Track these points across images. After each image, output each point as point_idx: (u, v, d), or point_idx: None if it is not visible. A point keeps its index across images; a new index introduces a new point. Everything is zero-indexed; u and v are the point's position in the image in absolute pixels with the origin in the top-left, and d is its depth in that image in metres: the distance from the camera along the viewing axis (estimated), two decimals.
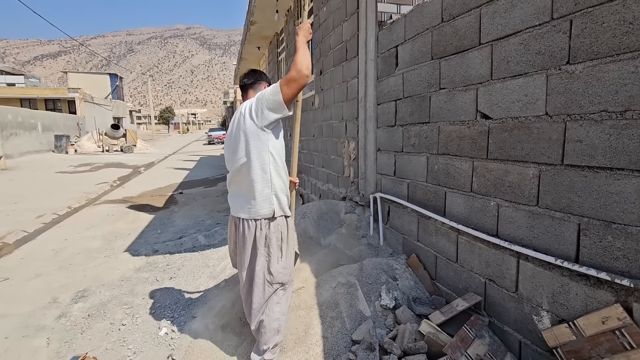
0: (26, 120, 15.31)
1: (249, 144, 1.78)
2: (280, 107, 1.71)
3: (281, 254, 1.84)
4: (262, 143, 1.78)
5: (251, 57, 11.75)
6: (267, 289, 1.85)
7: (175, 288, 3.18)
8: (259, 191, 1.80)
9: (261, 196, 1.80)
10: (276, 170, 1.83)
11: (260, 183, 1.80)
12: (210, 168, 12.92)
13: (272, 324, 1.85)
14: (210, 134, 32.23)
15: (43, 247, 4.56)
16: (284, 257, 1.84)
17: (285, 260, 1.86)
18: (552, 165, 1.51)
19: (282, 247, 1.84)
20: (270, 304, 1.86)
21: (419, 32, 2.42)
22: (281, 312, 1.88)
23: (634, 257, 1.24)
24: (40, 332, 2.60)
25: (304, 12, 2.09)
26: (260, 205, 1.80)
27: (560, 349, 1.45)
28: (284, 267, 1.85)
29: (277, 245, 1.83)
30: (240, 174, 1.86)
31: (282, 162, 1.88)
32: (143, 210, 6.55)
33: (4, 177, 9.59)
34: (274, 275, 1.83)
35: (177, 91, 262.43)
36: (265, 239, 1.82)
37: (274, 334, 1.85)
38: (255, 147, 1.78)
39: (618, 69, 1.27)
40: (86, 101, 24.10)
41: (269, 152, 1.80)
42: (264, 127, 1.76)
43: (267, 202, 1.80)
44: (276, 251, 1.83)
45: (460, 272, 2.09)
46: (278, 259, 1.83)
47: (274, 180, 1.82)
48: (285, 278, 1.86)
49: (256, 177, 1.79)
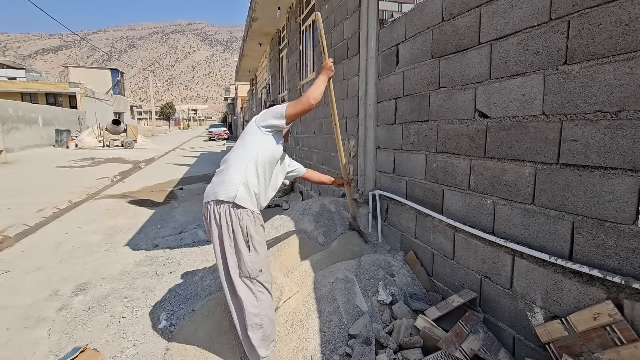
0: (27, 114, 15.32)
1: (244, 139, 2.01)
2: (280, 118, 1.99)
3: (248, 249, 1.84)
4: (254, 139, 1.98)
5: (253, 53, 11.75)
6: (237, 281, 1.85)
7: (174, 282, 3.21)
8: (229, 175, 1.88)
9: (230, 181, 1.86)
10: (255, 166, 1.91)
11: (234, 169, 1.90)
12: (211, 164, 12.93)
13: (253, 319, 1.84)
14: (210, 130, 32.25)
15: (44, 241, 4.60)
16: (251, 252, 1.85)
17: (254, 256, 1.86)
18: (548, 164, 1.53)
19: (247, 242, 1.84)
20: (247, 300, 1.85)
21: (420, 31, 2.43)
22: (259, 306, 1.87)
23: (625, 254, 1.27)
24: (41, 324, 2.63)
25: (324, 51, 2.26)
26: (225, 188, 1.85)
27: (553, 345, 1.48)
28: (252, 262, 1.85)
29: (242, 239, 1.84)
30: (225, 162, 1.99)
31: (265, 166, 1.96)
32: (143, 205, 6.58)
33: (5, 171, 9.61)
34: (242, 268, 1.85)
35: (178, 87, 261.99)
36: (231, 230, 1.83)
37: (256, 329, 1.85)
38: (245, 140, 2.00)
39: (614, 70, 1.29)
40: (87, 96, 24.08)
41: (256, 150, 1.93)
42: (260, 127, 2.00)
43: (233, 186, 1.85)
44: (242, 245, 1.83)
45: (457, 269, 2.12)
46: (246, 253, 1.84)
47: (249, 173, 1.89)
48: (253, 272, 1.86)
49: (233, 164, 1.92)
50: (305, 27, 6.27)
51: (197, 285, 3.06)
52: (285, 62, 8.04)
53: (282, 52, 8.56)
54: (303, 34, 6.44)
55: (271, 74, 10.19)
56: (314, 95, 2.02)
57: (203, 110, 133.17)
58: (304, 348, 1.98)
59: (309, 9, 5.87)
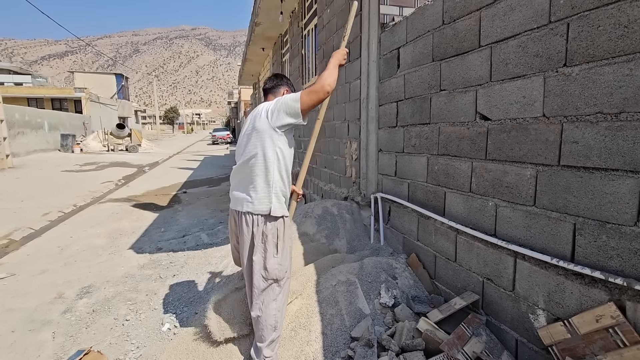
0: (33, 119, 15.50)
1: (259, 141, 1.86)
2: (296, 114, 1.80)
3: (276, 250, 1.87)
4: (271, 142, 1.84)
5: (256, 58, 11.82)
6: (262, 283, 1.88)
7: (178, 285, 3.23)
8: (259, 187, 1.85)
9: (261, 193, 1.85)
10: (279, 170, 1.89)
11: (262, 180, 1.85)
12: (214, 168, 12.99)
13: (269, 320, 1.88)
14: (214, 134, 32.39)
15: (49, 244, 4.63)
16: (279, 254, 1.88)
17: (281, 257, 1.89)
18: (549, 166, 1.53)
19: (277, 245, 1.87)
20: (267, 301, 1.88)
21: (420, 34, 2.45)
22: (277, 308, 1.90)
23: (627, 256, 1.27)
24: (45, 327, 2.65)
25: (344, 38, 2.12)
26: (259, 202, 1.85)
27: (556, 347, 1.47)
28: (279, 264, 1.88)
29: (272, 242, 1.86)
30: (244, 168, 1.92)
31: (287, 166, 1.94)
32: (147, 208, 6.62)
33: (11, 175, 9.71)
34: (268, 271, 1.87)
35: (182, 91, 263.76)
36: (262, 235, 1.86)
37: (271, 330, 1.89)
38: (264, 145, 1.85)
39: (613, 72, 1.29)
40: (92, 101, 24.31)
41: (276, 153, 1.85)
42: (276, 128, 1.83)
43: (266, 199, 1.85)
44: (272, 248, 1.86)
45: (459, 271, 2.12)
46: (273, 255, 1.87)
47: (275, 180, 1.87)
48: (280, 274, 1.89)
49: (259, 173, 1.85)
50: (307, 32, 6.31)
51: (200, 288, 3.08)
52: (288, 66, 8.08)
53: (285, 56, 8.61)
54: (305, 38, 6.48)
55: None
56: (328, 81, 1.80)
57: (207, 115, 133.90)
58: (306, 351, 1.98)
59: (311, 14, 5.91)
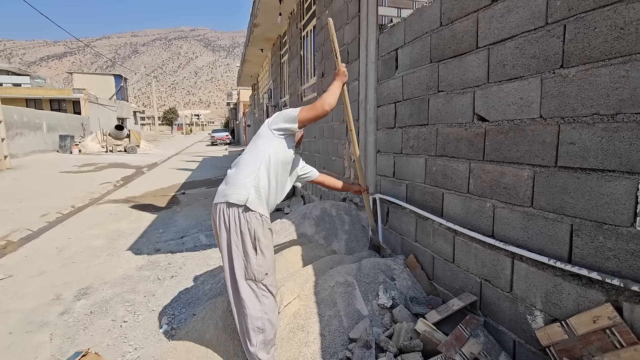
0: (31, 120, 15.47)
1: (255, 143, 2.00)
2: (292, 120, 1.99)
3: (255, 252, 1.84)
4: (266, 141, 1.97)
5: (254, 59, 11.83)
6: (242, 284, 1.85)
7: (176, 286, 3.22)
8: (241, 177, 1.88)
9: (241, 184, 1.87)
10: (267, 169, 1.92)
11: (246, 172, 1.90)
12: (213, 169, 12.99)
13: (255, 323, 1.84)
14: (213, 135, 32.39)
15: (47, 245, 4.62)
16: (258, 255, 1.85)
17: (261, 259, 1.86)
18: (546, 167, 1.54)
19: (255, 245, 1.84)
20: (251, 303, 1.86)
21: (418, 36, 2.45)
22: (262, 310, 1.86)
23: (624, 257, 1.27)
24: (43, 328, 2.64)
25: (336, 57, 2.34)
26: (236, 191, 1.85)
27: (553, 348, 1.47)
28: (258, 265, 1.85)
29: (249, 242, 1.84)
30: (237, 165, 1.99)
31: (277, 169, 1.96)
32: (146, 209, 6.61)
33: (9, 176, 9.69)
34: (248, 271, 1.85)
35: (181, 92, 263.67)
36: (239, 232, 1.84)
37: (257, 332, 1.85)
38: (258, 144, 1.99)
39: (609, 73, 1.30)
40: (91, 102, 24.29)
41: (268, 153, 1.92)
42: (273, 129, 1.99)
43: (244, 189, 1.85)
44: (250, 247, 1.84)
45: (457, 272, 2.12)
46: (253, 256, 1.84)
47: (261, 175, 1.89)
48: (259, 276, 1.86)
49: (245, 166, 1.92)
50: (306, 33, 6.32)
51: (198, 289, 3.07)
52: (287, 67, 8.09)
53: (284, 57, 8.62)
54: (304, 39, 6.49)
55: (273, 79, 10.25)
56: (328, 101, 2.00)
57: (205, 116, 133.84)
58: (304, 352, 1.98)
59: (309, 15, 5.92)
